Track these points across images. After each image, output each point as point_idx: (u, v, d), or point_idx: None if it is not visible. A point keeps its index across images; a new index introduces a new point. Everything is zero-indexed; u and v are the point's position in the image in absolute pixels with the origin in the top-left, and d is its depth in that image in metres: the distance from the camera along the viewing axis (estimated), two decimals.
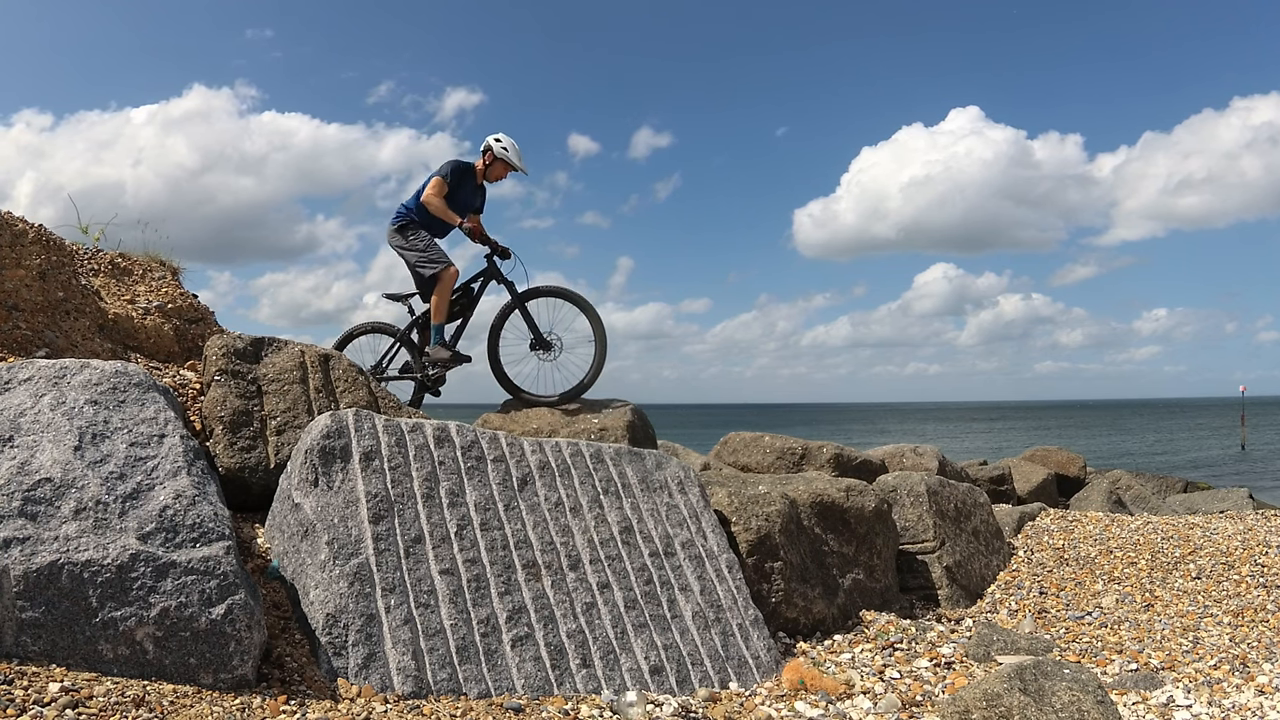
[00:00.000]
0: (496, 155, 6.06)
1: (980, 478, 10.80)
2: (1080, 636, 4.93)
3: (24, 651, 2.79)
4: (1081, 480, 13.61)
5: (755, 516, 4.79)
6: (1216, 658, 4.50)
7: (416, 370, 5.98)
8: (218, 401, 4.52)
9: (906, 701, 3.79)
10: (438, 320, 5.84)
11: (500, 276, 6.06)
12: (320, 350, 5.10)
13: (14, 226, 4.99)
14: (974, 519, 6.51)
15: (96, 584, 2.92)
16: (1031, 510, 8.05)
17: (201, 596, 3.04)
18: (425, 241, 5.90)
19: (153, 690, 2.80)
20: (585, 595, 3.88)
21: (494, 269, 6.08)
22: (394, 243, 5.98)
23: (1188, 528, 7.31)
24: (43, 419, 3.35)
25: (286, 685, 3.10)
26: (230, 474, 4.32)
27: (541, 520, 4.08)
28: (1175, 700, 3.86)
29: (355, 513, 3.64)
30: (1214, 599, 5.59)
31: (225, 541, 3.21)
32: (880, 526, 5.52)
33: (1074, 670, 3.32)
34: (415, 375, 6.00)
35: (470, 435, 4.24)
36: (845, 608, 5.03)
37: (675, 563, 4.29)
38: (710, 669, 3.92)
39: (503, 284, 6.06)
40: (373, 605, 3.40)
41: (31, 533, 2.95)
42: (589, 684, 3.58)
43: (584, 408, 6.14)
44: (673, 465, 4.79)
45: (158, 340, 5.59)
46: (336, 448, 3.82)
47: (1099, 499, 11.55)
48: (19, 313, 4.81)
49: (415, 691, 3.25)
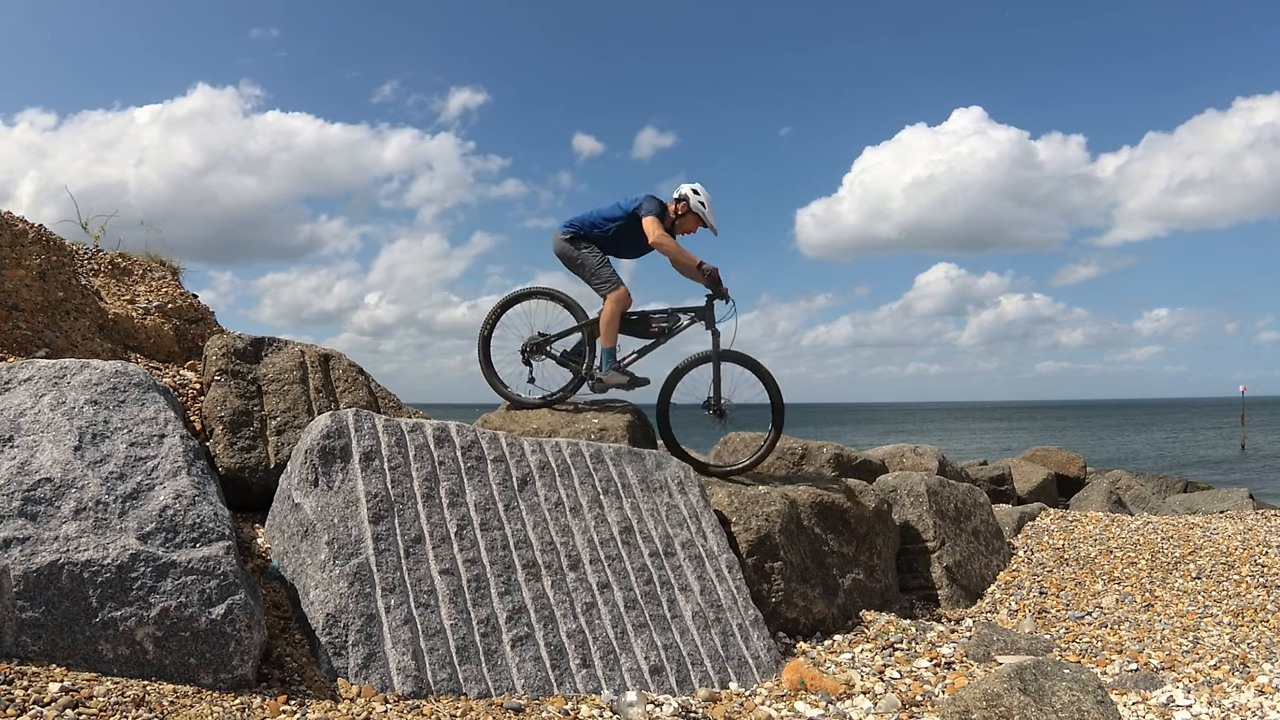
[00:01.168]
0: (692, 208, 5.69)
1: (980, 478, 10.81)
2: (1080, 636, 4.93)
3: (24, 651, 2.79)
4: (1081, 480, 13.61)
5: (755, 516, 4.79)
6: (1216, 658, 4.50)
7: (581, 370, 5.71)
8: (218, 401, 4.52)
9: (906, 701, 3.79)
10: (608, 344, 5.58)
11: (712, 323, 5.69)
12: (320, 350, 5.10)
13: (14, 226, 4.99)
14: (974, 519, 6.51)
15: (96, 584, 2.92)
16: (1031, 510, 8.05)
17: (201, 596, 3.04)
18: (599, 259, 5.65)
19: (153, 690, 2.80)
20: (585, 595, 3.88)
21: (710, 313, 5.71)
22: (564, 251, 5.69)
23: (1188, 528, 7.31)
24: (43, 419, 3.35)
25: (286, 685, 3.10)
26: (230, 474, 4.32)
27: (541, 520, 4.08)
28: (1175, 700, 3.86)
29: (355, 513, 3.64)
30: (1214, 599, 5.59)
31: (225, 541, 3.21)
32: (880, 526, 5.52)
33: (1074, 670, 3.32)
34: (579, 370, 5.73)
35: (470, 435, 4.24)
36: (845, 608, 5.03)
37: (675, 563, 4.29)
38: (710, 669, 3.92)
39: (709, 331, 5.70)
40: (373, 605, 3.40)
41: (31, 533, 2.95)
42: (589, 684, 3.58)
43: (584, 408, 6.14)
44: (673, 465, 4.79)
45: (158, 340, 5.59)
46: (336, 448, 3.82)
47: (1099, 499, 11.55)
48: (19, 313, 4.81)
49: (415, 691, 3.25)
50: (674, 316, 5.81)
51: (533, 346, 5.74)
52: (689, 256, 5.60)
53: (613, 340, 5.60)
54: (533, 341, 5.75)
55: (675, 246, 5.60)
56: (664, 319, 5.79)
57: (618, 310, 5.58)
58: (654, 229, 5.55)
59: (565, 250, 5.71)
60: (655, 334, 5.77)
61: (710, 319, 5.69)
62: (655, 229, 5.56)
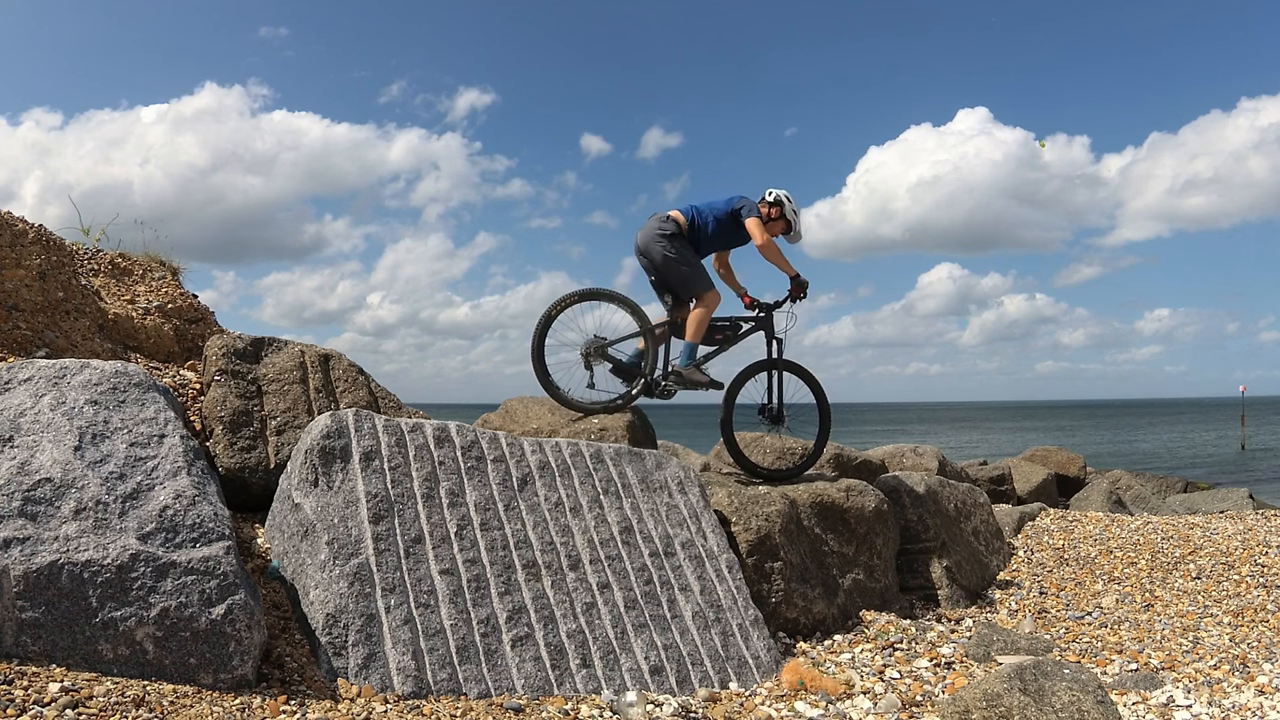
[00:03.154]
0: (786, 214, 5.78)
1: (980, 478, 10.81)
2: (1080, 636, 4.93)
3: (24, 651, 2.79)
4: (1081, 480, 13.61)
5: (755, 516, 4.79)
6: (1216, 658, 4.50)
7: (647, 373, 5.69)
8: (218, 401, 4.52)
9: (906, 701, 3.79)
10: (693, 339, 5.61)
11: (772, 333, 5.81)
12: (320, 350, 5.09)
13: (14, 226, 4.99)
14: (974, 519, 6.51)
15: (96, 584, 2.92)
16: (1031, 510, 8.05)
17: (201, 596, 3.04)
18: (695, 259, 5.69)
19: (153, 690, 2.80)
20: (585, 595, 3.88)
21: (769, 323, 5.83)
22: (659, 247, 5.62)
23: (1188, 528, 7.31)
24: (43, 419, 3.35)
25: (286, 685, 3.10)
26: (230, 474, 4.32)
27: (541, 520, 4.08)
28: (1175, 700, 3.86)
29: (355, 513, 3.64)
30: (1214, 599, 5.59)
31: (225, 541, 3.21)
32: (880, 526, 5.52)
33: (1074, 670, 3.32)
34: (643, 373, 5.70)
35: (470, 435, 4.24)
36: (845, 608, 5.03)
37: (675, 563, 4.29)
38: (710, 669, 3.92)
39: (770, 341, 5.81)
40: (373, 605, 3.40)
41: (31, 533, 2.95)
42: (589, 684, 3.58)
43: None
44: (673, 465, 4.79)
45: (158, 340, 5.59)
46: (336, 448, 3.82)
47: (1099, 499, 11.55)
48: (19, 313, 4.81)
49: (415, 691, 3.25)
50: (736, 325, 5.88)
51: (595, 350, 5.64)
52: (789, 265, 5.72)
53: (699, 338, 5.65)
54: (594, 345, 5.64)
55: (778, 252, 5.69)
56: (727, 327, 5.84)
57: (709, 312, 5.65)
58: (761, 233, 5.63)
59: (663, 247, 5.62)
60: (718, 341, 5.83)
61: (770, 328, 5.81)
62: (762, 233, 5.64)
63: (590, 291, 5.71)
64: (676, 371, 5.62)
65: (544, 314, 5.61)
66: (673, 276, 5.66)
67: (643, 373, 5.69)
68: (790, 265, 5.71)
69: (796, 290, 5.76)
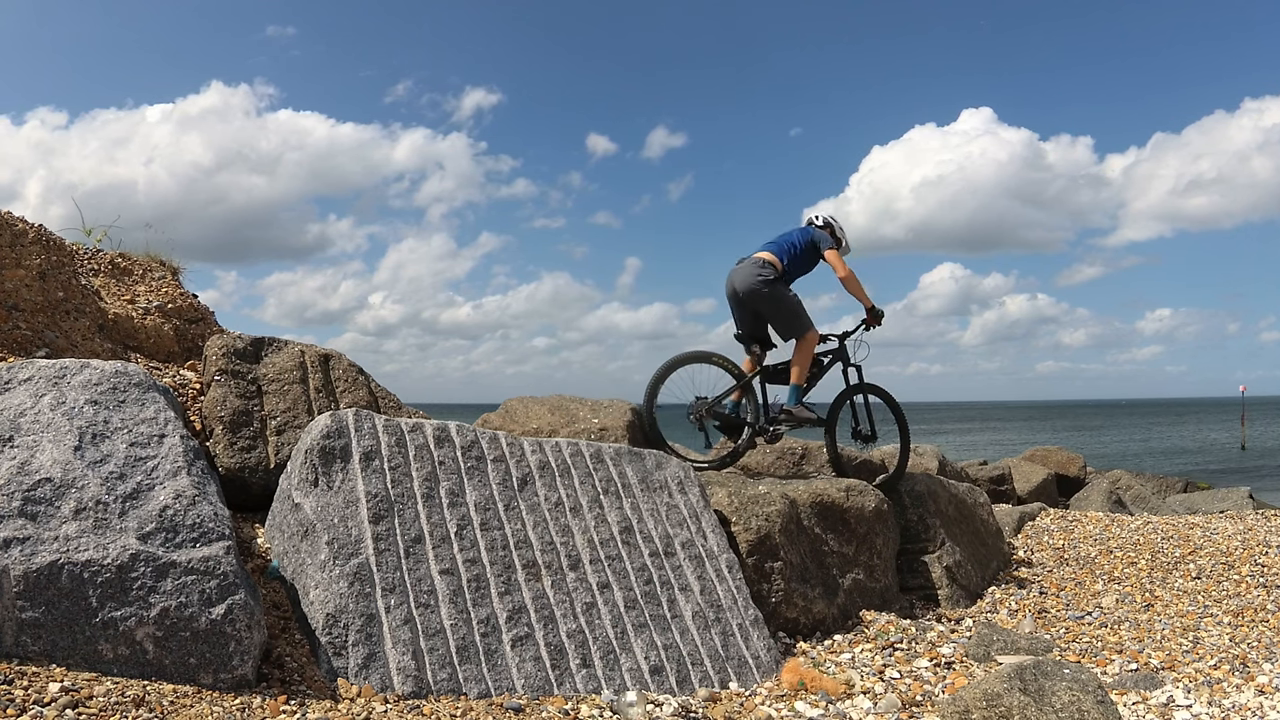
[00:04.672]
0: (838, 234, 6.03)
1: (980, 478, 10.80)
2: (1080, 636, 4.93)
3: (24, 651, 2.79)
4: (1081, 480, 13.61)
5: (755, 516, 4.79)
6: (1216, 658, 4.50)
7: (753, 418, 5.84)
8: (218, 401, 4.52)
9: (906, 701, 3.79)
10: (798, 381, 5.78)
11: (848, 361, 6.02)
12: (320, 350, 5.09)
13: (14, 226, 4.99)
14: (974, 519, 6.51)
15: (96, 584, 2.92)
16: (1031, 510, 8.05)
17: (201, 596, 3.04)
18: (797, 299, 5.80)
19: (153, 690, 2.80)
20: (585, 595, 3.88)
21: (844, 353, 6.03)
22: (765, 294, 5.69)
23: (1188, 528, 7.31)
24: (43, 419, 3.35)
25: (286, 685, 3.10)
26: (230, 474, 4.32)
27: (541, 520, 4.08)
28: (1175, 700, 3.86)
29: (355, 513, 3.64)
30: (1214, 599, 5.59)
31: (225, 541, 3.21)
32: (880, 526, 5.52)
33: (1074, 670, 3.32)
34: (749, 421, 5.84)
35: (470, 435, 4.24)
36: (845, 608, 5.03)
37: (675, 563, 4.29)
38: (710, 669, 3.92)
39: (848, 369, 6.02)
40: (373, 605, 3.40)
41: (31, 533, 2.95)
42: (589, 684, 3.58)
43: (584, 407, 6.14)
44: (673, 465, 4.79)
45: (158, 340, 5.59)
46: (336, 448, 3.82)
47: (1099, 499, 11.54)
48: (19, 313, 4.81)
49: (415, 691, 3.25)
50: (818, 362, 5.99)
51: (705, 410, 5.75)
52: (867, 296, 5.93)
53: (803, 379, 5.81)
54: (703, 405, 5.76)
55: (859, 283, 5.87)
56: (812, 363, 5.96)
57: (811, 349, 5.80)
58: (843, 265, 5.83)
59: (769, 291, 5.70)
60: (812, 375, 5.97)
61: (846, 358, 6.02)
62: (844, 265, 5.83)
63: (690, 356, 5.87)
64: (787, 411, 5.77)
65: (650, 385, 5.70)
66: (779, 319, 5.80)
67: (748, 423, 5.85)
68: (868, 296, 5.91)
69: (872, 320, 5.95)
